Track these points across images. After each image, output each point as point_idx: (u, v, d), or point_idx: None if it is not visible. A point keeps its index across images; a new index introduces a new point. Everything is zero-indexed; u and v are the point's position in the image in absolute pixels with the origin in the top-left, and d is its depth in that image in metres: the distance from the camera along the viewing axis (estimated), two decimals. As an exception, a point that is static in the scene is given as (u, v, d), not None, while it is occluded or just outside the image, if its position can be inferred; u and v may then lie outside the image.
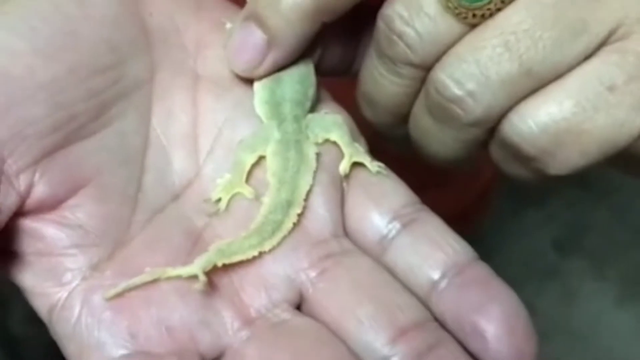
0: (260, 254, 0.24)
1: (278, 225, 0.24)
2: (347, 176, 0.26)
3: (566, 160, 0.24)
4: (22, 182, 0.23)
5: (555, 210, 1.07)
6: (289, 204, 0.25)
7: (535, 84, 0.24)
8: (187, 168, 0.25)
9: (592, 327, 0.99)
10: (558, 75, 0.24)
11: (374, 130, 0.28)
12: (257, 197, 0.25)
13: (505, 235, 1.02)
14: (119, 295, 0.23)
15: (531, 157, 0.24)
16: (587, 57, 0.23)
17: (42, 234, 0.23)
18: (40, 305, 0.23)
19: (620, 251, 1.04)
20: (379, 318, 0.23)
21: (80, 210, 0.23)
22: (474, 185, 0.52)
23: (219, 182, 0.25)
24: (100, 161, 0.24)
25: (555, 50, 0.23)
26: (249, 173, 0.26)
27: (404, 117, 0.27)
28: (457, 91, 0.24)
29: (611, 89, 0.24)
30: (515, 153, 0.25)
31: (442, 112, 0.25)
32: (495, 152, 0.26)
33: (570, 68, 0.24)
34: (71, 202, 0.23)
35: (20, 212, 0.23)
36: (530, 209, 1.05)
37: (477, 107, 0.24)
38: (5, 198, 0.22)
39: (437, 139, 0.26)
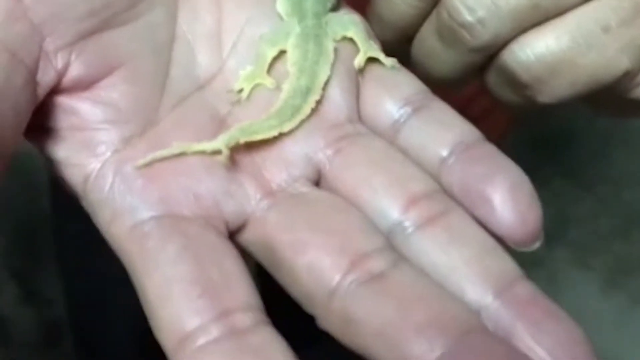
0: (280, 135, 0.25)
1: (297, 109, 0.26)
2: (362, 70, 0.27)
3: (556, 89, 0.27)
4: (59, 60, 0.24)
5: (540, 201, 1.08)
6: (308, 91, 0.26)
7: (540, 17, 0.26)
8: (211, 62, 0.27)
9: (576, 315, 1.00)
10: (561, 12, 0.26)
11: None
12: (278, 87, 0.27)
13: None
14: (148, 165, 0.25)
15: (524, 84, 0.27)
16: None
17: (77, 110, 0.25)
18: (75, 176, 0.25)
19: (604, 241, 1.06)
20: (392, 187, 0.24)
21: (113, 89, 0.25)
22: None
23: (241, 73, 0.27)
24: (131, 48, 0.25)
25: None
26: (270, 66, 0.27)
27: (409, 38, 0.29)
28: (468, 17, 0.26)
29: (605, 29, 0.26)
30: (511, 79, 0.27)
31: (451, 35, 0.27)
32: (491, 77, 0.28)
33: (573, 6, 0.26)
34: (105, 82, 0.25)
35: (57, 90, 0.25)
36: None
37: (485, 34, 0.26)
38: (44, 74, 0.24)
39: (440, 59, 0.29)
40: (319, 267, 0.23)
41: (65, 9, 0.24)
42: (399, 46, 0.30)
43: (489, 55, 0.27)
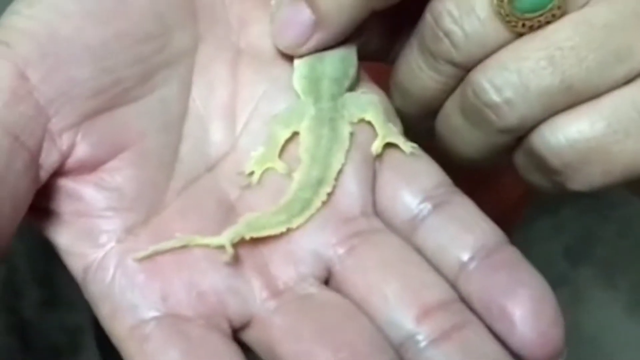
0: (288, 230, 0.25)
1: (307, 203, 0.25)
2: (379, 156, 0.27)
3: (589, 177, 0.25)
4: (64, 141, 0.23)
5: (566, 219, 1.07)
6: (320, 183, 0.25)
7: (572, 100, 0.25)
8: (223, 140, 0.26)
9: (601, 334, 0.99)
10: (596, 95, 0.24)
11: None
12: (289, 173, 0.26)
13: (516, 242, 1.02)
14: (148, 258, 0.24)
15: (555, 170, 0.25)
16: (629, 81, 0.24)
17: (81, 195, 0.24)
18: (75, 265, 0.24)
19: (630, 261, 1.04)
20: (405, 295, 0.23)
21: (119, 173, 0.24)
22: (510, 195, 0.53)
23: (252, 155, 0.26)
24: (141, 126, 0.24)
25: (598, 72, 0.24)
26: (283, 148, 0.26)
27: (433, 112, 0.28)
28: (495, 97, 0.25)
29: None
30: (540, 164, 0.26)
31: (476, 114, 0.26)
32: (519, 159, 0.27)
33: (609, 90, 0.24)
34: (110, 164, 0.24)
35: (60, 172, 0.24)
36: (542, 217, 1.05)
37: (512, 116, 0.25)
38: (48, 155, 0.23)
39: (464, 138, 0.27)
40: None
41: (72, 86, 0.23)
42: (423, 120, 0.29)
43: (518, 137, 0.26)
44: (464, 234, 0.24)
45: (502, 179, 0.26)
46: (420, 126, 0.29)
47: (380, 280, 0.24)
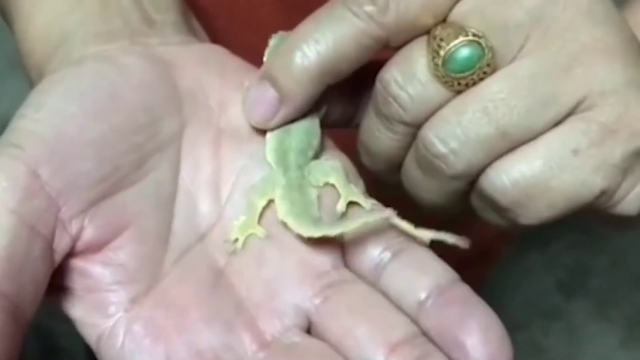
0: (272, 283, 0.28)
1: (303, 205, 0.28)
2: (344, 214, 0.29)
3: (535, 212, 0.28)
4: (74, 227, 0.26)
5: (557, 253, 1.08)
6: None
7: (510, 144, 0.27)
8: (210, 211, 0.29)
9: (597, 367, 0.99)
10: (530, 138, 0.27)
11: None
12: (268, 237, 0.28)
13: (511, 277, 1.03)
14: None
15: (504, 208, 0.28)
16: (557, 123, 0.27)
17: (90, 272, 0.26)
18: (90, 335, 0.26)
19: (622, 294, 1.05)
20: (374, 335, 0.26)
21: (122, 251, 0.27)
22: (487, 233, 0.56)
23: (235, 224, 0.28)
24: (139, 207, 0.27)
25: (528, 117, 0.27)
26: (261, 214, 0.29)
27: (397, 167, 0.31)
28: (441, 148, 0.28)
29: (575, 152, 0.27)
30: (492, 203, 0.28)
31: (429, 165, 0.28)
32: (475, 202, 0.30)
33: (541, 132, 0.27)
34: (114, 243, 0.27)
35: (71, 253, 0.26)
36: (533, 252, 1.06)
37: (458, 163, 0.28)
38: (60, 241, 0.25)
39: (424, 188, 0.30)
40: None
41: (79, 178, 0.25)
42: (390, 174, 0.31)
43: (469, 182, 0.28)
44: (420, 276, 0.27)
45: (477, 219, 0.28)
46: (390, 180, 0.32)
47: (351, 324, 0.26)
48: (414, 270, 0.27)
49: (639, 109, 0.27)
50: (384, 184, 0.31)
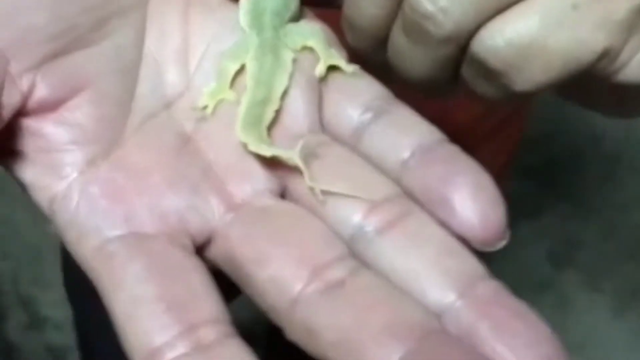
0: (243, 148, 0.25)
1: (258, 119, 0.26)
2: (323, 79, 0.27)
3: (531, 75, 0.26)
4: (24, 83, 0.24)
5: (548, 224, 1.08)
6: (265, 102, 0.26)
7: (505, 2, 0.25)
8: (178, 81, 0.27)
9: (588, 338, 1.00)
10: None
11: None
12: (239, 102, 0.27)
13: (501, 247, 1.03)
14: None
15: (498, 72, 0.26)
16: None
17: (43, 132, 0.25)
18: (42, 198, 0.25)
19: (613, 265, 1.05)
20: (356, 194, 0.24)
21: (79, 111, 0.25)
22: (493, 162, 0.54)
23: (205, 90, 0.27)
24: (98, 69, 0.26)
25: None
26: (233, 80, 0.27)
27: (382, 41, 0.29)
28: (429, 7, 0.26)
29: (575, 6, 0.25)
30: (484, 69, 0.27)
31: (416, 29, 0.27)
32: (466, 71, 0.28)
33: None
34: (70, 103, 0.25)
35: (22, 112, 0.25)
36: (524, 223, 1.06)
37: (448, 23, 0.26)
38: (9, 96, 0.24)
39: (412, 58, 0.28)
40: (281, 279, 0.23)
41: (29, 32, 0.24)
42: (377, 53, 0.30)
43: (459, 47, 0.27)
44: (403, 136, 0.25)
45: (485, 146, 0.27)
46: (375, 58, 0.30)
47: (328, 184, 0.25)
48: (396, 130, 0.25)
49: None
50: (370, 65, 0.29)
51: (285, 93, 0.27)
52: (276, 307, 0.23)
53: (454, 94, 0.30)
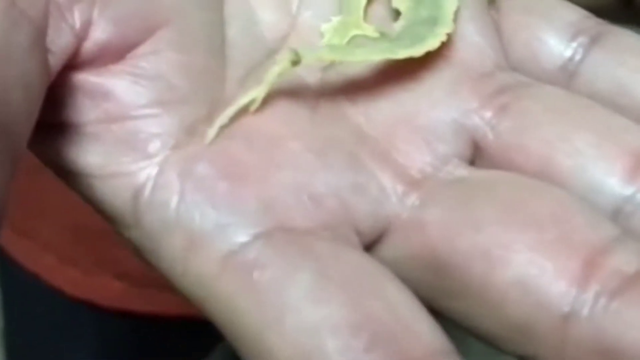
0: (390, 64, 0.18)
1: (420, 38, 0.18)
2: (494, 1, 0.20)
3: None
4: (77, 17, 0.17)
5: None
6: (434, 21, 0.19)
7: None
8: (277, 19, 0.20)
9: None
10: None
11: None
12: (385, 35, 0.19)
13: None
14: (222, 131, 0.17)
15: None
16: None
17: (111, 90, 0.17)
18: (118, 193, 0.17)
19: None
20: (604, 145, 0.17)
21: (159, 58, 0.18)
22: None
23: (324, 28, 0.20)
24: (175, 0, 0.18)
25: None
26: (366, 11, 0.20)
27: None
28: None
29: None
30: None
31: None
32: None
33: None
34: (144, 48, 0.18)
35: (77, 62, 0.17)
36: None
37: None
38: (57, 36, 0.16)
39: None
40: (537, 280, 0.15)
41: None
42: None
43: None
44: None
45: None
46: None
47: (562, 132, 0.17)
48: (635, 57, 0.18)
49: None
50: None
51: (456, 15, 0.19)
52: (530, 325, 0.15)
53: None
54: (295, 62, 0.17)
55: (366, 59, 0.18)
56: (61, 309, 0.50)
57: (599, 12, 0.21)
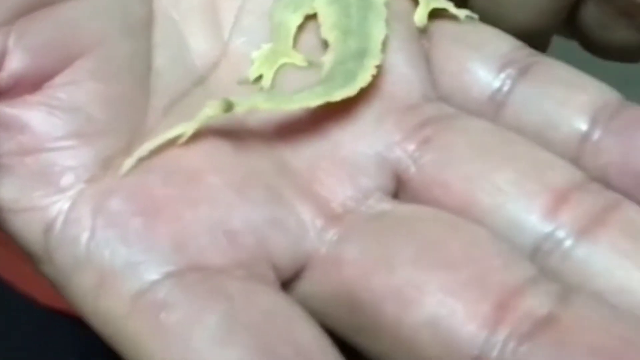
0: (329, 114, 0.18)
1: (351, 75, 0.18)
2: (425, 30, 0.20)
3: None
4: None
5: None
6: (362, 54, 0.19)
7: None
8: (209, 46, 0.20)
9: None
10: None
11: None
12: (313, 64, 0.19)
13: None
14: (139, 164, 0.17)
15: None
16: None
17: (25, 123, 0.17)
18: (30, 227, 0.17)
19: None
20: (524, 182, 0.17)
21: (77, 88, 0.17)
22: None
23: (255, 55, 0.20)
24: (97, 27, 0.18)
25: None
26: (295, 39, 0.20)
27: None
28: None
29: None
30: (622, 3, 0.20)
31: None
32: (590, 14, 0.21)
33: None
34: (63, 78, 0.17)
35: None
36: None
37: None
38: None
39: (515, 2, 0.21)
40: (448, 322, 0.15)
41: None
42: None
43: None
44: (574, 95, 0.18)
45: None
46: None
47: (483, 169, 0.17)
48: (560, 89, 0.18)
49: None
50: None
51: (384, 45, 0.19)
52: None
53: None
54: (227, 110, 0.17)
55: (303, 105, 0.18)
56: (37, 318, 0.50)
57: (540, 32, 0.21)
